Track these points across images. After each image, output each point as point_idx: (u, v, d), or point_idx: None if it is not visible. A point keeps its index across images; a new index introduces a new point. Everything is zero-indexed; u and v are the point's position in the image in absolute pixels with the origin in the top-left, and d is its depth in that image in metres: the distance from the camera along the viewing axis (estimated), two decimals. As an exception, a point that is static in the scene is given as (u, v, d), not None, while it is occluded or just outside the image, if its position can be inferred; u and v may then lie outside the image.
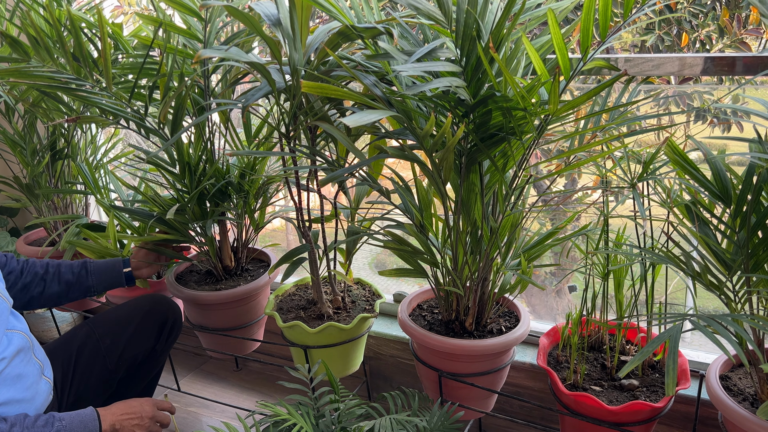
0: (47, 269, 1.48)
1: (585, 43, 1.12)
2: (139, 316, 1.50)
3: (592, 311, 1.38)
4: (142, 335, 1.50)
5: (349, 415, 1.19)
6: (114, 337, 1.46)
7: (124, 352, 1.47)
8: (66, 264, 1.51)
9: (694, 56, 1.33)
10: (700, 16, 2.41)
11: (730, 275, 1.11)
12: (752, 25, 2.31)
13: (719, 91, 2.24)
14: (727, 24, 2.34)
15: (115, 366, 1.46)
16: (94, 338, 1.46)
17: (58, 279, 1.48)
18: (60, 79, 1.31)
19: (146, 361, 1.53)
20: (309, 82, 0.93)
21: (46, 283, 1.47)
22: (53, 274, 1.48)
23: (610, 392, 1.29)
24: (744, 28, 2.31)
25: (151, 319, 1.51)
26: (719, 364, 1.23)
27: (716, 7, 2.38)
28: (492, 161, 1.17)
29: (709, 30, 2.40)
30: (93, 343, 1.45)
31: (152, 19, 1.33)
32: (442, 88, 1.07)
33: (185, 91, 1.41)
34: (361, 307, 1.60)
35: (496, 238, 1.29)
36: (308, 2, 1.14)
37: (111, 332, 1.47)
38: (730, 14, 2.34)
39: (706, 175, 1.07)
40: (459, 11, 1.08)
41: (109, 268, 1.54)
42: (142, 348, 1.50)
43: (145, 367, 1.54)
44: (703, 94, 2.25)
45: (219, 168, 1.59)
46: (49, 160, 1.93)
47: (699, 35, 2.41)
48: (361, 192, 1.59)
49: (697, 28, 2.42)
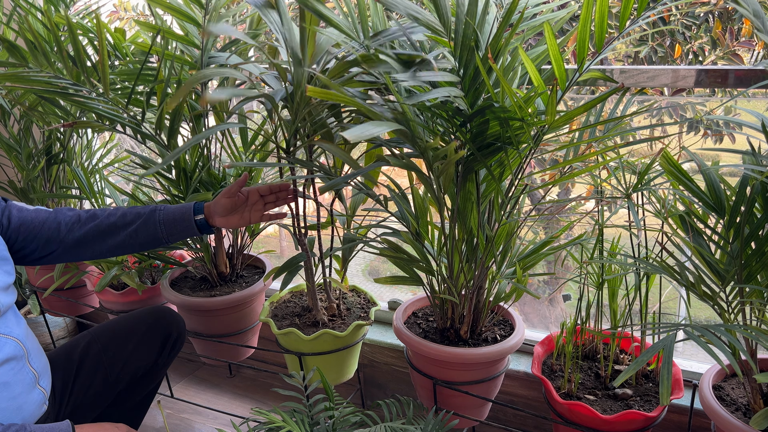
0: (95, 213, 1.34)
1: (581, 54, 1.13)
2: (143, 330, 1.48)
3: (586, 320, 1.39)
4: (144, 349, 1.48)
5: (343, 423, 1.19)
6: (116, 350, 1.44)
7: (126, 365, 1.45)
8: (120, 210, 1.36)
9: (688, 68, 1.35)
10: (693, 28, 2.44)
11: (724, 286, 1.12)
12: (744, 38, 2.34)
13: (711, 103, 2.27)
14: (720, 36, 2.37)
15: (116, 378, 1.44)
16: (96, 349, 1.43)
17: (114, 221, 1.33)
18: (57, 84, 1.31)
19: (147, 373, 1.51)
20: (314, 88, 0.94)
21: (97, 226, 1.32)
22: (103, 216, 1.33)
23: (604, 401, 1.30)
24: (736, 41, 2.34)
25: (154, 333, 1.49)
26: (712, 374, 1.24)
27: (709, 19, 2.41)
28: (489, 170, 1.18)
29: (702, 42, 2.43)
30: (95, 354, 1.42)
31: (150, 26, 1.33)
32: (441, 98, 1.08)
33: (183, 98, 1.41)
34: (356, 315, 1.60)
35: (491, 246, 1.30)
36: (314, 23, 1.15)
37: (114, 344, 1.45)
38: (723, 26, 2.37)
39: (700, 186, 1.08)
40: (458, 22, 1.09)
41: (178, 218, 1.35)
42: (144, 362, 1.48)
43: (146, 380, 1.52)
44: (696, 105, 2.28)
45: (215, 174, 1.59)
46: (44, 165, 1.92)
47: (692, 47, 2.44)
48: (357, 200, 1.59)
49: (690, 39, 2.45)
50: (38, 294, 2.06)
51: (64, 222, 1.33)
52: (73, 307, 2.05)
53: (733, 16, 2.38)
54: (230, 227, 1.39)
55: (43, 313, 2.13)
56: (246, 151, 1.68)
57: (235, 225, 1.37)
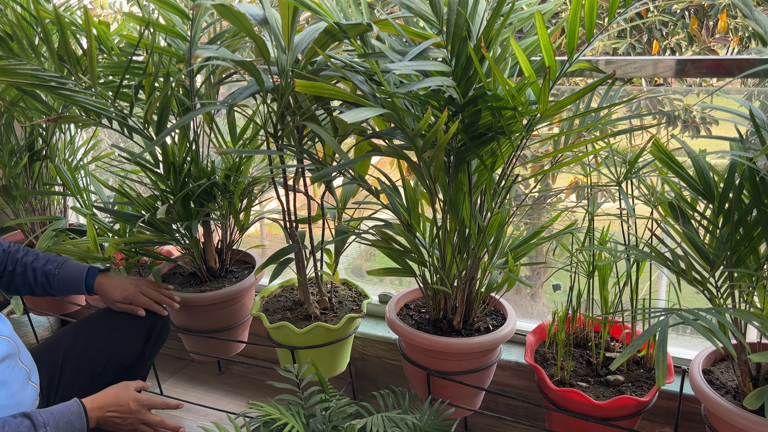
0: (34, 255, 1.49)
1: (571, 44, 1.14)
2: (127, 320, 1.48)
3: (577, 309, 1.41)
4: (130, 339, 1.47)
5: (339, 414, 1.19)
6: (101, 341, 1.44)
7: (112, 356, 1.44)
8: (41, 262, 1.50)
9: (674, 59, 1.37)
10: (670, 24, 2.47)
11: (713, 271, 1.14)
12: (720, 34, 2.38)
13: (689, 98, 2.30)
14: (696, 32, 2.41)
15: (103, 369, 1.43)
16: (81, 342, 1.43)
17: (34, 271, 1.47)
18: (44, 77, 1.29)
19: (134, 364, 1.51)
20: (303, 81, 0.94)
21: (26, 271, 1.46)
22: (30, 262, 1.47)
23: (597, 388, 1.31)
24: (712, 36, 2.38)
25: (139, 323, 1.48)
26: (701, 358, 1.26)
27: (685, 15, 2.45)
28: (481, 160, 1.19)
29: (679, 38, 2.47)
30: (80, 347, 1.42)
31: (139, 18, 1.32)
32: (433, 87, 1.08)
33: (171, 92, 1.39)
34: (348, 308, 1.60)
35: (484, 236, 1.30)
36: (294, 3, 1.15)
37: (98, 336, 1.44)
38: (699, 23, 2.41)
39: (690, 174, 1.10)
40: (450, 12, 1.09)
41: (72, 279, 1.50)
42: (130, 352, 1.48)
43: (133, 370, 1.51)
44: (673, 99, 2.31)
45: (204, 168, 1.58)
46: (26, 161, 1.89)
47: (669, 43, 2.48)
48: (348, 192, 1.59)
49: (667, 36, 2.49)
50: (22, 293, 2.02)
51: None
52: (59, 305, 2.03)
53: (709, 13, 2.42)
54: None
55: (27, 313, 2.10)
56: (234, 145, 1.67)
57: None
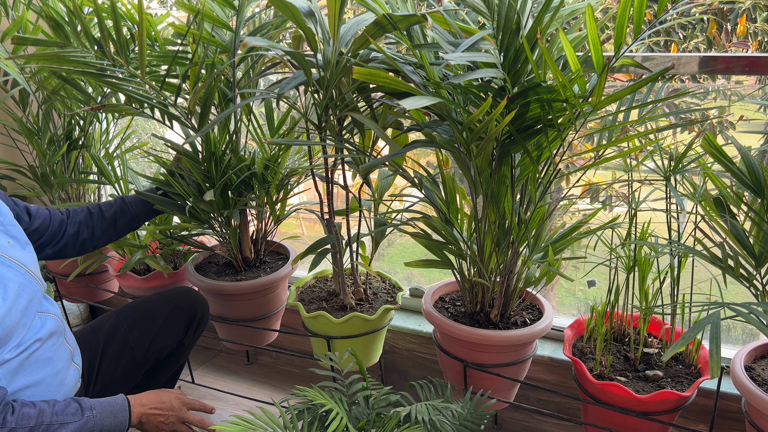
0: (89, 212, 1.47)
1: (618, 38, 1.14)
2: (168, 309, 1.49)
3: (614, 305, 1.41)
4: (170, 328, 1.49)
5: (382, 402, 1.20)
6: (143, 330, 1.46)
7: (153, 344, 1.46)
8: (105, 203, 1.51)
9: (715, 55, 1.37)
10: (689, 27, 2.46)
11: (759, 267, 1.14)
12: (739, 38, 2.37)
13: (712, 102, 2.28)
14: (715, 36, 2.39)
15: (143, 358, 1.45)
16: (123, 329, 1.44)
17: (102, 216, 1.46)
18: (95, 65, 1.31)
19: (173, 354, 1.53)
20: (361, 69, 0.95)
21: (94, 226, 1.45)
22: (97, 215, 1.46)
23: (635, 383, 1.32)
24: (730, 41, 2.37)
25: (180, 313, 1.50)
26: (743, 355, 1.26)
27: (704, 18, 2.44)
28: (528, 153, 1.19)
29: (698, 41, 2.45)
30: (121, 335, 1.44)
31: (190, 6, 1.34)
32: (487, 78, 1.09)
33: (214, 82, 1.41)
34: (382, 299, 1.62)
35: (526, 230, 1.31)
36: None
37: (140, 324, 1.46)
38: (718, 26, 2.40)
39: (741, 169, 1.10)
40: (501, 4, 1.10)
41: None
42: (171, 341, 1.49)
43: (171, 359, 1.53)
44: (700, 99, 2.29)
45: (243, 158, 1.60)
46: (65, 150, 1.92)
47: (687, 46, 2.47)
48: (385, 184, 1.60)
49: (685, 39, 2.48)
50: (57, 280, 2.05)
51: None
52: (93, 292, 2.05)
53: (728, 16, 2.41)
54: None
55: (60, 300, 2.13)
56: (273, 136, 1.69)
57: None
